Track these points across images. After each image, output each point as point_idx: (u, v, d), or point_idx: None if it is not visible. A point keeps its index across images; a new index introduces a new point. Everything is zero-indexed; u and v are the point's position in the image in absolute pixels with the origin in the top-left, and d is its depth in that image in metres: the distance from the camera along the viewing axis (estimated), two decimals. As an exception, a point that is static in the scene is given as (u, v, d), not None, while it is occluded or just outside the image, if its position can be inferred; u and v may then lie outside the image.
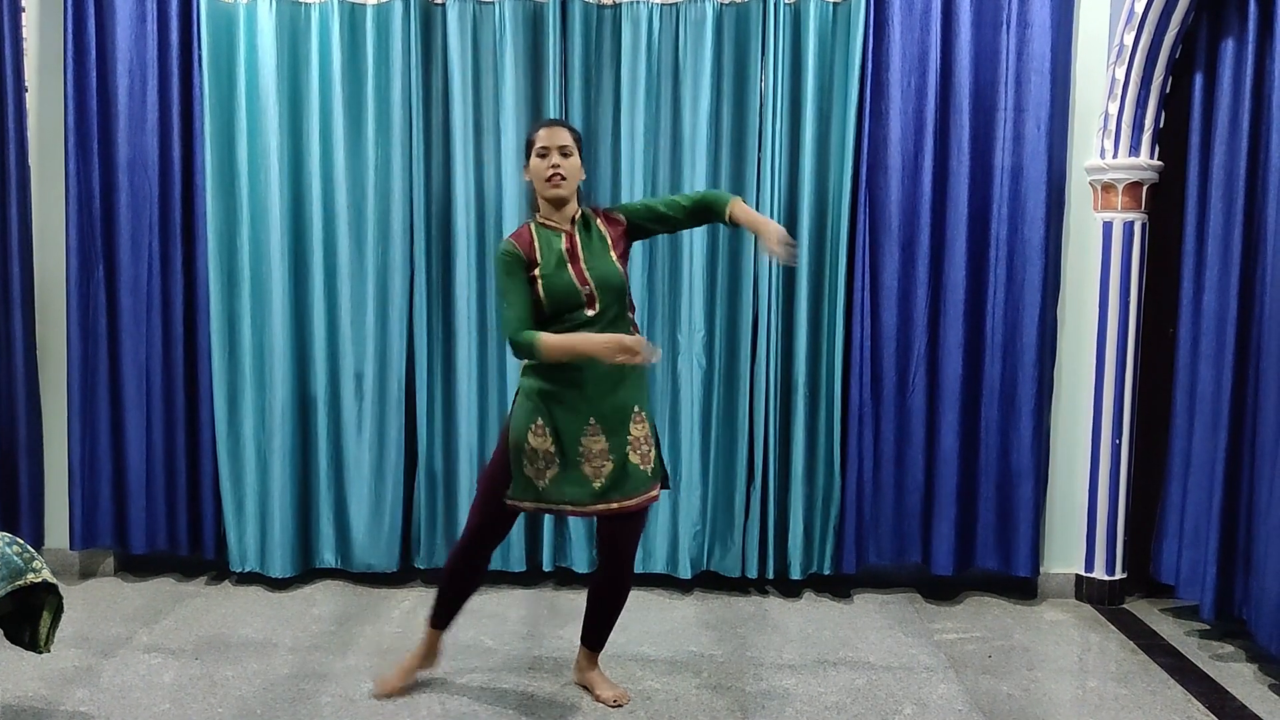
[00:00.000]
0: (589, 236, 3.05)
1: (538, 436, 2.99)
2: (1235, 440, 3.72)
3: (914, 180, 4.04)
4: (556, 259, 2.98)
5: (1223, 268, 3.76)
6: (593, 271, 2.98)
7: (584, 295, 2.96)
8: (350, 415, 4.19)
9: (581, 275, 2.97)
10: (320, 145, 4.09)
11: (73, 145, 4.06)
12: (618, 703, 3.19)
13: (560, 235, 3.03)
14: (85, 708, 3.11)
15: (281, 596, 4.11)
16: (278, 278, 4.10)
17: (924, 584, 4.27)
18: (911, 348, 4.09)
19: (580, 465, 2.99)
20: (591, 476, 2.99)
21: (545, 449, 2.99)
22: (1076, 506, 4.19)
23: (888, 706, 3.21)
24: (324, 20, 4.06)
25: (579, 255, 3.00)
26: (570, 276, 2.96)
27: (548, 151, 3.01)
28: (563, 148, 3.01)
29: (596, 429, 2.99)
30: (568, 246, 3.01)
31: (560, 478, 2.99)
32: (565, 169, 3.00)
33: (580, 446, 2.99)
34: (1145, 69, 3.90)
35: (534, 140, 3.05)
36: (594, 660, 3.29)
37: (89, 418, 4.17)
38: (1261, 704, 3.27)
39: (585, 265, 2.99)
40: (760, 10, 4.01)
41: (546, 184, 3.01)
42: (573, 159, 3.03)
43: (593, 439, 2.99)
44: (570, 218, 3.06)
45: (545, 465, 2.99)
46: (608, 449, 2.99)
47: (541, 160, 3.01)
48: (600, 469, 2.99)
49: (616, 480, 3.00)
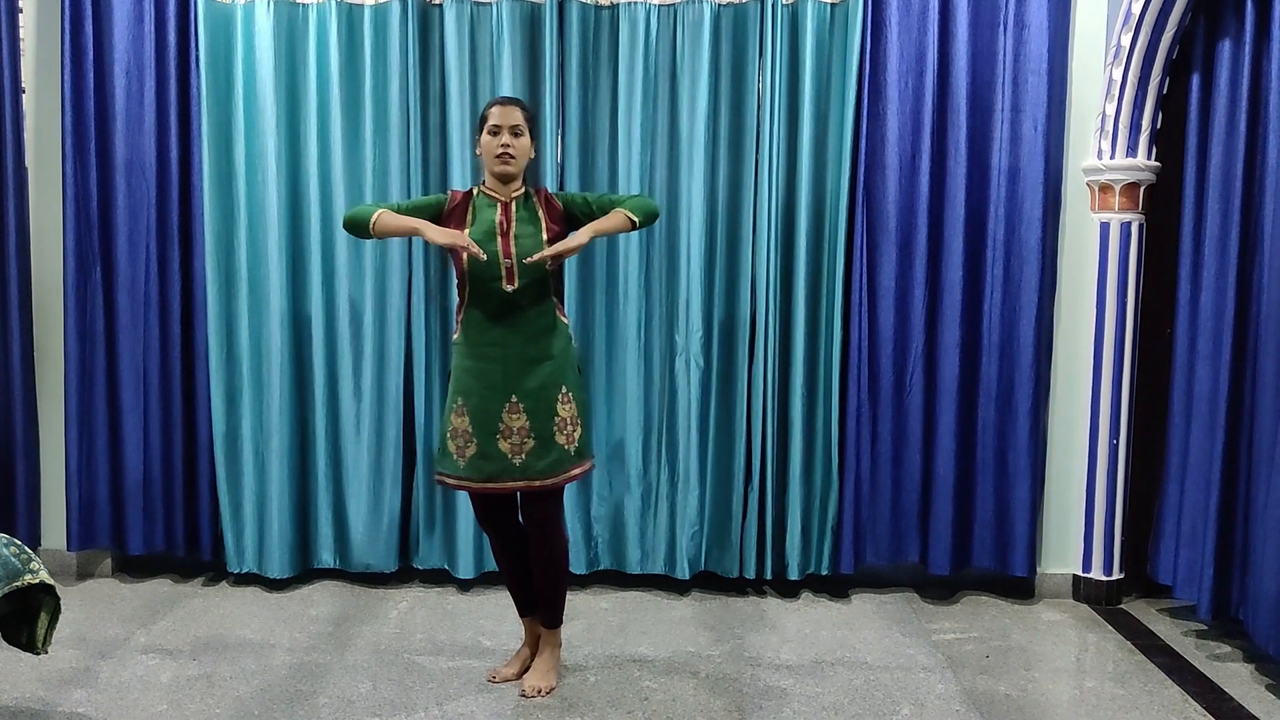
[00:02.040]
0: (525, 214, 3.14)
1: (459, 416, 3.10)
2: (1232, 440, 3.72)
3: (911, 181, 4.04)
4: (486, 229, 3.08)
5: (1220, 268, 3.77)
6: (518, 248, 3.07)
7: (504, 269, 3.05)
8: (348, 415, 4.19)
9: (507, 249, 3.06)
10: (318, 146, 4.09)
11: (70, 147, 4.05)
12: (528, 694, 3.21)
13: (496, 206, 3.12)
14: (83, 708, 3.11)
15: (279, 597, 4.11)
16: (275, 279, 4.10)
17: (921, 584, 4.28)
18: (909, 348, 4.10)
19: (498, 442, 3.07)
20: (510, 453, 3.07)
21: (464, 428, 3.09)
22: (1074, 506, 4.20)
23: (885, 706, 3.21)
24: (321, 21, 4.06)
25: (510, 231, 3.09)
26: (495, 248, 3.05)
27: (499, 130, 3.10)
28: (514, 127, 3.11)
29: (518, 407, 3.07)
30: (501, 219, 3.10)
31: (478, 455, 3.08)
32: (515, 148, 3.10)
33: (501, 424, 3.07)
34: (1142, 70, 3.91)
35: (487, 117, 3.14)
36: (547, 639, 3.30)
37: (86, 419, 4.17)
38: (1259, 704, 3.27)
39: (513, 240, 3.07)
40: (758, 11, 4.01)
41: (496, 160, 3.11)
42: (523, 139, 3.13)
43: (513, 416, 3.07)
44: (512, 193, 3.15)
45: (464, 443, 3.09)
46: (528, 427, 3.07)
47: (493, 138, 3.11)
48: (520, 446, 3.08)
49: (538, 457, 3.08)
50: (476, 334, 3.11)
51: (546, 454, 3.10)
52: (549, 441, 3.10)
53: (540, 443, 3.09)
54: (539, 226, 3.12)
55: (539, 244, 3.08)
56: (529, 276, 3.07)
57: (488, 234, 3.07)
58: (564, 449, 3.13)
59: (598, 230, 3.08)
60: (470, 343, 3.12)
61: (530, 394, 3.08)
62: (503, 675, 3.34)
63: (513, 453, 3.08)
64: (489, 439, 3.08)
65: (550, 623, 3.31)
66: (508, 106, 3.13)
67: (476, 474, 3.10)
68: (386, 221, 3.06)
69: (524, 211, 3.14)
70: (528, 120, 3.14)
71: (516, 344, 3.07)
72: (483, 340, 3.09)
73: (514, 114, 3.11)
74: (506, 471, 3.08)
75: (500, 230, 3.08)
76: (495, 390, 3.08)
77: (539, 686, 3.24)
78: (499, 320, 3.09)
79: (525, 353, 3.08)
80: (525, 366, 3.08)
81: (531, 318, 3.11)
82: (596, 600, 4.11)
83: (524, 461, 3.08)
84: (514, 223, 3.11)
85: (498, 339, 3.08)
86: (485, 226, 3.09)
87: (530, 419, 3.08)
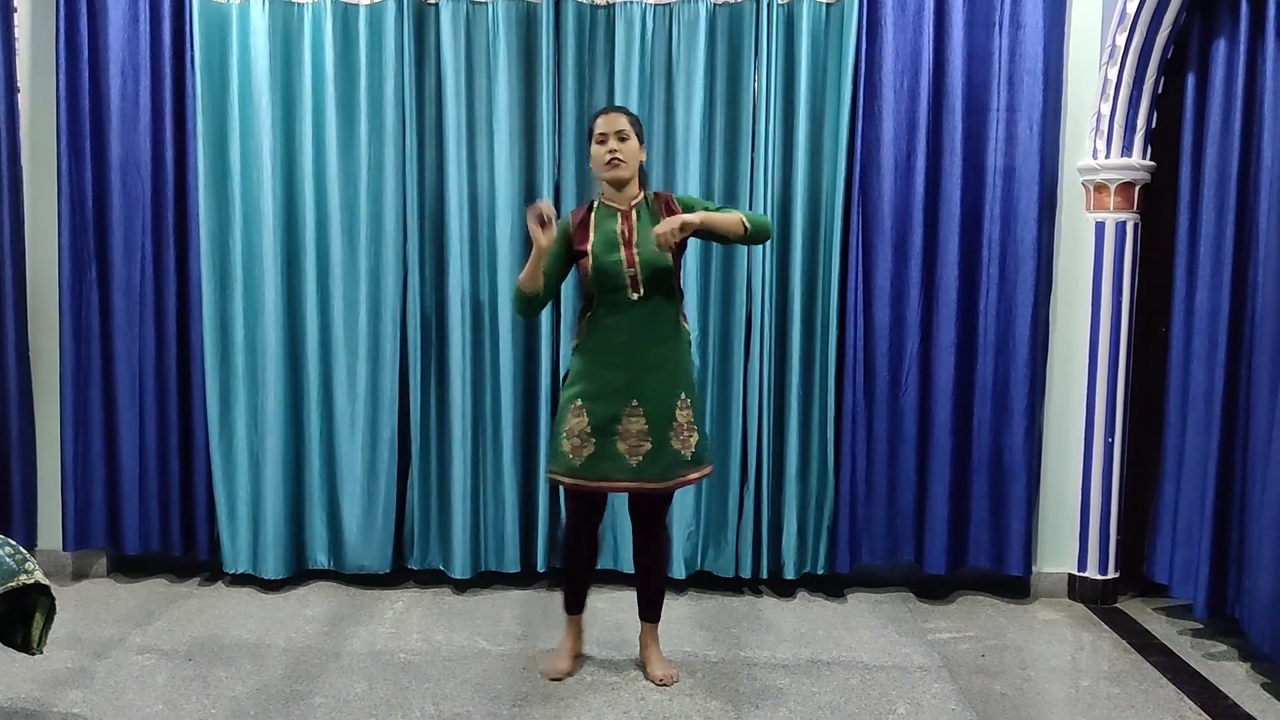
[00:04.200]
0: (647, 221, 3.17)
1: (576, 416, 3.13)
2: (1228, 439, 3.73)
3: (907, 180, 4.04)
4: (609, 240, 3.12)
5: (1215, 267, 3.77)
6: (642, 256, 3.09)
7: (628, 278, 3.08)
8: (343, 416, 4.18)
9: (630, 258, 3.09)
10: (313, 146, 4.09)
11: (65, 146, 4.05)
12: (663, 682, 3.31)
13: (616, 216, 3.16)
14: (78, 709, 3.10)
15: (274, 598, 4.11)
16: (270, 278, 4.09)
17: (917, 583, 4.28)
18: (904, 347, 4.10)
19: (615, 443, 3.11)
20: (627, 454, 3.12)
21: (582, 428, 3.12)
22: (1069, 505, 4.20)
23: (881, 706, 3.21)
24: (317, 20, 4.05)
25: (632, 239, 3.12)
26: (619, 259, 3.09)
27: (605, 137, 3.15)
28: (619, 132, 3.15)
29: (637, 410, 3.12)
30: (623, 228, 3.14)
31: (595, 455, 3.12)
32: (623, 152, 3.15)
33: (619, 425, 3.11)
34: (1137, 69, 3.91)
35: (593, 128, 3.20)
36: (653, 634, 3.42)
37: (82, 419, 4.16)
38: (1254, 703, 3.28)
39: (636, 249, 3.10)
40: (753, 10, 4.01)
41: (606, 166, 3.15)
42: (630, 143, 3.16)
43: (631, 419, 3.12)
44: (630, 200, 3.18)
45: (581, 443, 3.12)
46: (647, 430, 3.12)
47: (600, 146, 3.17)
48: (637, 448, 3.12)
49: (652, 462, 3.12)
50: (601, 340, 3.15)
51: (661, 458, 3.15)
52: (664, 446, 3.16)
53: (656, 446, 3.14)
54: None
55: (658, 250, 3.10)
56: (655, 284, 3.11)
57: (610, 244, 3.11)
58: (679, 454, 3.18)
59: (709, 221, 3.08)
60: (594, 349, 3.16)
61: (650, 398, 3.13)
62: (560, 670, 3.38)
63: (629, 454, 3.13)
64: (607, 440, 3.12)
65: (656, 618, 3.42)
66: (611, 114, 3.19)
67: (591, 473, 3.15)
68: (523, 277, 3.11)
69: (645, 219, 3.18)
70: (633, 124, 3.18)
71: (640, 349, 3.12)
72: (607, 346, 3.13)
73: (618, 120, 3.16)
74: (621, 472, 3.14)
75: (623, 240, 3.12)
76: (617, 394, 3.12)
77: (671, 674, 3.35)
78: (624, 327, 3.13)
79: (648, 358, 3.12)
80: (647, 371, 3.13)
81: (656, 324, 3.15)
82: (593, 599, 4.08)
83: (639, 464, 3.13)
84: (636, 231, 3.14)
85: (622, 345, 3.12)
86: (607, 237, 3.12)
87: (649, 422, 3.13)
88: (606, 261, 3.09)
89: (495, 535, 4.19)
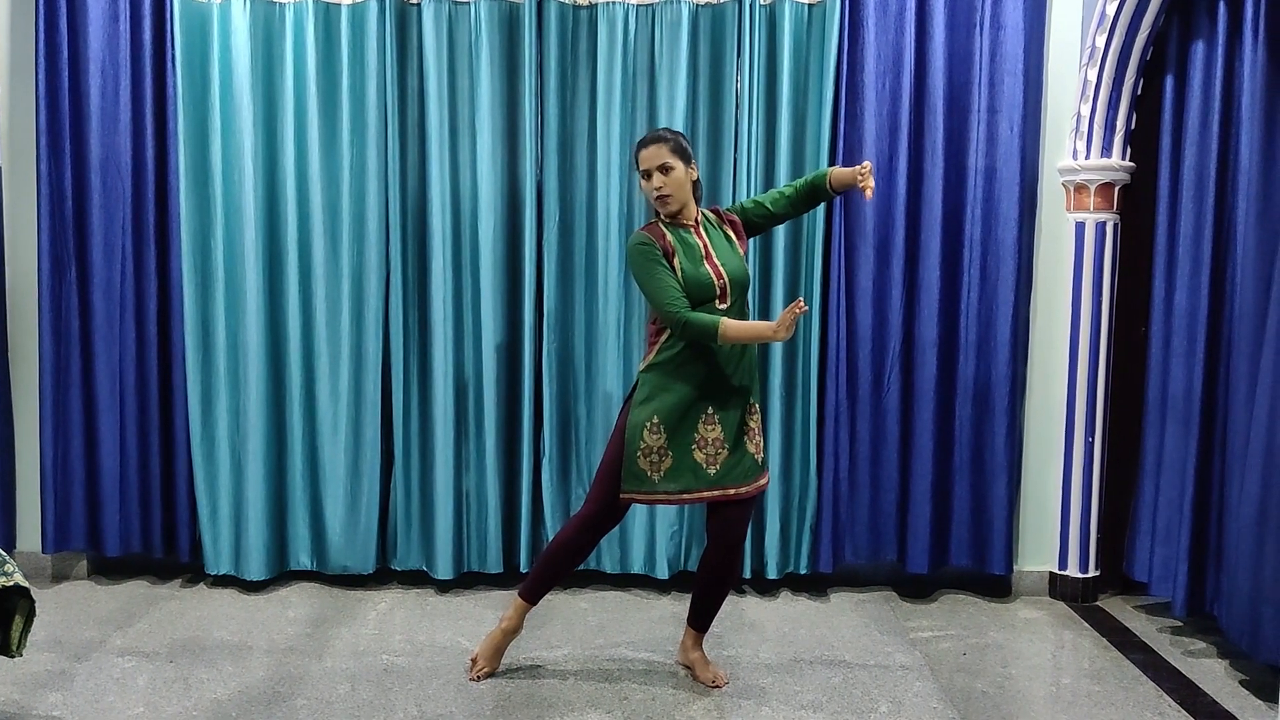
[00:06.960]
0: (714, 235, 3.22)
1: (652, 434, 3.13)
2: (1207, 438, 3.75)
3: (888, 181, 4.06)
4: (695, 254, 3.15)
5: (1194, 267, 3.80)
6: (725, 267, 3.15)
7: (719, 288, 3.12)
8: (326, 416, 4.17)
9: (717, 270, 3.13)
10: (295, 146, 4.08)
11: (44, 146, 4.02)
12: (716, 684, 3.32)
13: (691, 232, 3.19)
14: (58, 711, 3.08)
15: (256, 599, 4.09)
16: (252, 279, 4.08)
17: (899, 582, 4.30)
18: (887, 347, 4.11)
19: (693, 453, 3.13)
20: (705, 463, 3.14)
21: (659, 445, 3.13)
22: (1050, 504, 4.22)
23: (864, 705, 3.22)
24: (298, 20, 4.04)
25: (711, 252, 3.17)
26: (708, 271, 3.12)
27: (649, 174, 3.16)
28: (661, 166, 3.14)
29: (713, 418, 3.15)
30: (700, 243, 3.18)
31: (673, 469, 3.13)
32: (669, 185, 3.15)
33: (696, 434, 3.14)
34: (1117, 71, 3.94)
35: (637, 161, 3.21)
36: (699, 642, 3.43)
37: (61, 420, 4.14)
38: (1232, 699, 3.30)
39: (719, 260, 3.15)
40: (735, 11, 4.02)
41: (657, 203, 3.19)
42: (675, 173, 3.16)
43: (708, 428, 3.14)
44: (693, 216, 3.23)
45: (659, 459, 3.13)
46: (723, 438, 3.15)
47: (647, 182, 3.19)
48: (714, 456, 3.15)
49: (731, 468, 3.16)
50: (682, 354, 3.13)
51: (740, 463, 3.18)
52: (742, 451, 3.19)
53: (733, 452, 3.17)
54: (733, 243, 3.25)
55: (738, 257, 3.20)
56: (738, 291, 3.17)
57: (696, 259, 3.14)
58: (754, 457, 3.23)
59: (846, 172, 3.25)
60: (675, 362, 3.14)
61: (724, 406, 3.16)
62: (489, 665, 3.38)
63: (707, 463, 3.14)
64: (684, 451, 3.14)
65: (708, 628, 3.45)
66: (651, 147, 3.17)
67: (673, 486, 3.15)
68: (731, 328, 3.03)
69: (712, 231, 3.24)
70: (675, 152, 3.16)
71: (719, 360, 3.13)
72: (689, 358, 3.13)
73: (659, 154, 3.15)
74: (701, 481, 3.15)
75: (705, 253, 3.16)
76: (694, 404, 3.14)
77: (723, 676, 3.37)
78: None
79: (725, 368, 3.15)
80: (723, 380, 3.15)
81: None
82: (575, 600, 4.11)
83: (718, 471, 3.15)
84: (710, 243, 3.19)
85: (702, 355, 3.12)
86: (689, 252, 3.15)
87: (724, 429, 3.15)
88: (699, 275, 3.10)
89: (478, 536, 4.19)
